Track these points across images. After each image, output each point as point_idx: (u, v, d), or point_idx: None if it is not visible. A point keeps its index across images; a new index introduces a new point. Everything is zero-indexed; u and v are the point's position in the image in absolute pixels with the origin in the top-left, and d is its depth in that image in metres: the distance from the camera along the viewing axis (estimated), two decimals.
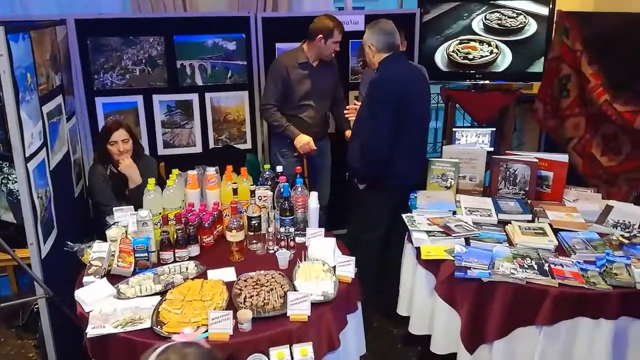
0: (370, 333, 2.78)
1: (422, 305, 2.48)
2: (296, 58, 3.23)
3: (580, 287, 2.07)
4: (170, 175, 2.48)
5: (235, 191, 2.41)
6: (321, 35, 3.13)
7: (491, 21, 3.81)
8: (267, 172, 2.64)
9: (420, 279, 2.48)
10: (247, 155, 3.57)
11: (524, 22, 3.77)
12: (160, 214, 2.32)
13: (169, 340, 1.35)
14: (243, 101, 3.66)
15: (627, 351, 2.14)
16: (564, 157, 2.85)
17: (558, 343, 2.11)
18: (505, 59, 3.84)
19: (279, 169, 2.60)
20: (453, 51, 3.87)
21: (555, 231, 2.47)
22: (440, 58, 3.90)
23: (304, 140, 3.24)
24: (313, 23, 3.18)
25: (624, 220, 2.56)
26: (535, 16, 3.76)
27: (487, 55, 3.84)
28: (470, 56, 3.85)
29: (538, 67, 3.81)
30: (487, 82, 3.89)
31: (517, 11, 3.77)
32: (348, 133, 3.16)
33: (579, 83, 3.49)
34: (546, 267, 2.18)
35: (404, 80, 2.67)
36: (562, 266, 2.18)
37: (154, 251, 2.25)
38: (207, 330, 1.75)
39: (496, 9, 3.79)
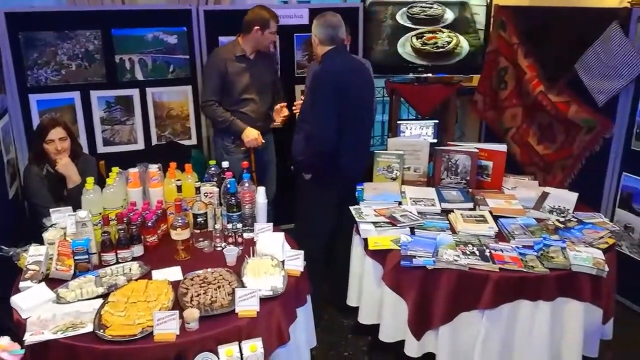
0: (321, 325, 2.80)
1: (370, 295, 2.52)
2: (233, 51, 3.18)
3: (519, 270, 2.16)
4: (110, 174, 2.39)
5: (179, 188, 2.36)
6: (258, 27, 3.09)
7: (418, 13, 3.89)
8: (213, 168, 2.60)
9: (368, 269, 2.52)
10: (192, 152, 3.49)
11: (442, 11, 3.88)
12: (100, 214, 2.24)
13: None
14: (186, 96, 3.59)
15: (564, 330, 2.25)
16: (502, 147, 2.96)
17: (500, 325, 2.20)
18: (464, 45, 3.92)
19: (225, 164, 2.56)
20: (422, 43, 3.92)
21: (495, 218, 2.56)
22: (405, 50, 3.93)
23: (252, 135, 3.20)
24: (247, 15, 3.14)
25: (559, 206, 2.69)
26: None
27: (450, 41, 3.91)
28: (439, 43, 3.90)
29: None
30: (429, 75, 3.97)
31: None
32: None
33: (516, 75, 3.63)
34: (487, 253, 2.26)
35: (345, 73, 2.67)
36: (502, 251, 2.27)
37: (95, 253, 2.18)
38: (22, 348, 1.67)
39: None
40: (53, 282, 2.01)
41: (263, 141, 3.25)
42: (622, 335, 2.81)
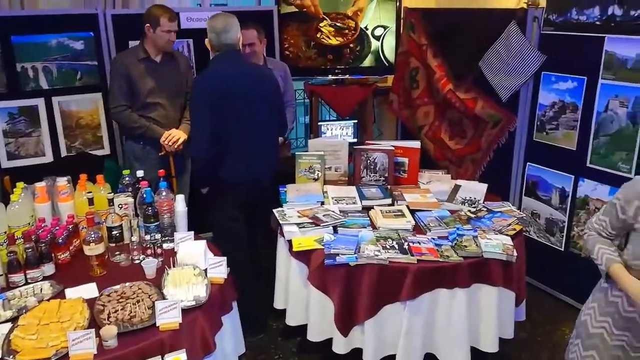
0: (250, 330, 2.78)
1: (297, 296, 2.54)
2: (136, 54, 3.06)
3: (435, 261, 2.26)
4: (14, 190, 2.24)
5: (91, 201, 2.26)
6: (148, 24, 2.99)
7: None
8: (127, 178, 2.50)
9: (293, 270, 2.53)
10: (105, 162, 3.34)
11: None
12: (5, 233, 2.09)
13: None
14: (97, 104, 3.43)
15: (481, 314, 2.38)
16: (416, 144, 3.08)
17: (421, 315, 2.29)
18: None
19: (140, 173, 2.47)
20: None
21: (412, 212, 2.66)
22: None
23: (176, 135, 3.08)
24: (144, 15, 3.05)
25: (470, 197, 2.84)
26: None
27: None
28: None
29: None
30: (347, 76, 4.06)
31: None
32: None
33: (427, 75, 3.80)
34: (406, 246, 2.34)
35: (225, 80, 2.57)
36: (420, 243, 2.37)
37: (1, 274, 2.03)
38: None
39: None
40: None
41: (182, 146, 3.15)
42: (534, 316, 3.03)
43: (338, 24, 3.99)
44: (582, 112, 3.01)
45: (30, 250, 2.04)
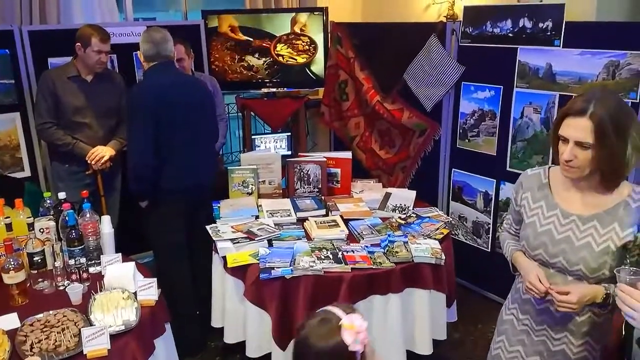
0: (188, 350, 2.71)
1: (234, 313, 2.51)
2: (66, 72, 2.97)
3: (369, 268, 2.31)
4: None
5: (9, 227, 2.13)
6: (79, 44, 2.91)
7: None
8: (48, 201, 2.38)
9: (229, 287, 2.51)
10: (26, 185, 3.16)
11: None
12: None
13: None
14: (15, 124, 3.25)
15: (415, 317, 2.44)
16: (347, 154, 3.15)
17: None
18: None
19: (62, 195, 2.37)
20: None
21: (346, 221, 2.71)
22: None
23: (102, 152, 2.96)
24: (77, 33, 2.97)
25: (401, 204, 2.93)
26: None
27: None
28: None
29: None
30: (277, 89, 4.08)
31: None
32: None
33: (355, 87, 3.89)
34: (340, 255, 2.38)
35: (166, 89, 2.59)
36: (353, 252, 2.41)
37: None
38: None
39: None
40: None
41: (110, 163, 3.05)
42: (466, 316, 3.14)
43: (295, 43, 3.99)
44: (500, 119, 3.18)
45: None
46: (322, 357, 1.27)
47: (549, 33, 2.88)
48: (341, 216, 2.76)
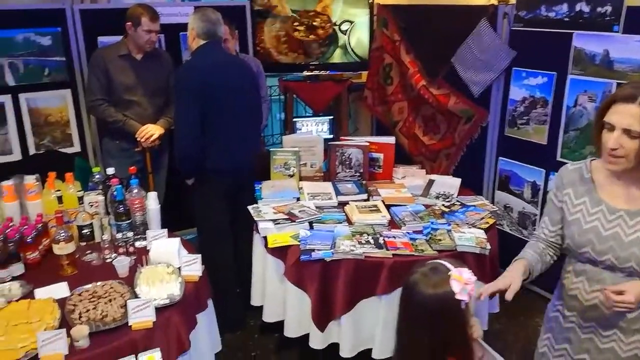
0: (227, 327, 2.76)
1: (273, 293, 2.53)
2: (117, 50, 3.04)
3: (410, 255, 2.28)
4: None
5: (60, 199, 2.21)
6: (130, 23, 2.96)
7: None
8: (97, 176, 2.45)
9: (270, 267, 2.52)
10: (75, 160, 3.27)
11: None
12: None
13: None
14: (65, 101, 3.34)
15: None
16: (391, 139, 3.10)
17: (397, 308, 2.29)
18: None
19: (110, 170, 2.43)
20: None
21: (388, 207, 2.68)
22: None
23: (151, 130, 3.03)
24: (127, 12, 3.01)
25: (444, 191, 2.87)
26: None
27: None
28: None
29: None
30: (321, 72, 4.05)
31: None
32: None
33: (400, 71, 3.81)
34: (381, 241, 2.35)
35: (214, 69, 2.61)
36: (395, 238, 2.38)
37: None
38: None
39: None
40: None
41: (159, 141, 3.11)
42: (508, 307, 3.06)
43: (311, 23, 3.97)
44: (552, 107, 3.07)
45: None
46: (429, 302, 1.32)
47: (607, 18, 2.74)
48: (382, 201, 2.73)
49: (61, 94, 3.33)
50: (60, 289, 1.96)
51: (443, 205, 2.72)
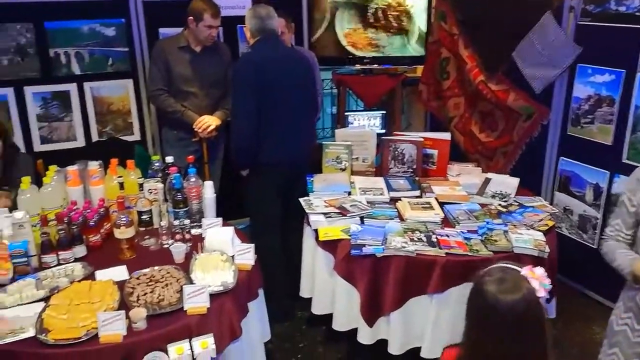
0: (275, 317, 2.79)
1: (323, 286, 2.53)
2: (177, 42, 3.10)
3: (464, 255, 2.22)
4: (47, 173, 2.29)
5: (121, 185, 2.29)
6: (192, 18, 3.01)
7: None
8: (157, 164, 2.52)
9: (319, 260, 2.52)
10: (135, 148, 3.38)
11: None
12: (38, 214, 2.14)
13: None
14: (127, 90, 3.47)
15: None
16: (446, 136, 3.03)
17: (449, 308, 2.25)
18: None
19: (169, 159, 2.49)
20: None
21: (441, 204, 2.62)
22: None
23: (208, 121, 3.09)
24: (189, 6, 3.07)
25: (501, 191, 2.79)
26: None
27: None
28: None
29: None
30: (374, 66, 4.01)
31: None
32: None
33: (457, 65, 3.72)
34: (434, 239, 2.31)
35: (269, 63, 2.62)
36: (448, 236, 2.33)
37: (34, 255, 2.08)
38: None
39: None
40: None
41: (216, 132, 3.17)
42: (565, 313, 2.96)
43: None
44: (619, 106, 2.91)
45: (62, 232, 2.08)
46: (516, 309, 1.22)
47: None
48: (436, 199, 2.68)
49: (123, 84, 3.46)
50: (120, 272, 2.04)
51: (500, 205, 2.64)
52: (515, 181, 2.86)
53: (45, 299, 1.85)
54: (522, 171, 3.21)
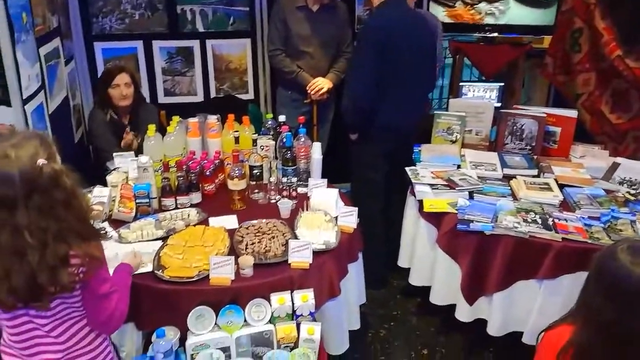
0: (371, 283, 2.80)
1: (422, 257, 2.49)
2: (295, 1, 3.10)
3: (583, 242, 2.07)
4: (170, 122, 2.43)
5: (237, 140, 2.38)
6: None
7: None
8: (270, 122, 2.59)
9: (421, 231, 2.47)
10: (249, 106, 3.50)
11: None
12: (160, 160, 2.29)
13: None
14: (245, 49, 3.57)
15: None
16: (572, 113, 2.80)
17: (559, 296, 2.11)
18: None
19: (282, 118, 2.55)
20: None
21: (561, 186, 2.45)
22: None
23: (322, 83, 3.11)
24: None
25: (630, 178, 2.54)
26: None
27: None
28: None
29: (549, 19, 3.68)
30: (496, 34, 3.77)
31: None
32: None
33: (591, 37, 3.37)
34: (550, 222, 2.16)
35: (393, 27, 2.56)
36: (566, 221, 2.17)
37: (155, 197, 2.24)
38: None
39: None
40: (115, 223, 2.09)
41: (327, 95, 3.18)
42: None
43: None
44: None
45: (181, 178, 2.22)
46: None
47: None
48: (556, 180, 2.50)
49: (242, 43, 3.56)
50: (230, 221, 2.14)
51: (628, 192, 2.41)
52: None
53: (163, 239, 1.99)
54: None
